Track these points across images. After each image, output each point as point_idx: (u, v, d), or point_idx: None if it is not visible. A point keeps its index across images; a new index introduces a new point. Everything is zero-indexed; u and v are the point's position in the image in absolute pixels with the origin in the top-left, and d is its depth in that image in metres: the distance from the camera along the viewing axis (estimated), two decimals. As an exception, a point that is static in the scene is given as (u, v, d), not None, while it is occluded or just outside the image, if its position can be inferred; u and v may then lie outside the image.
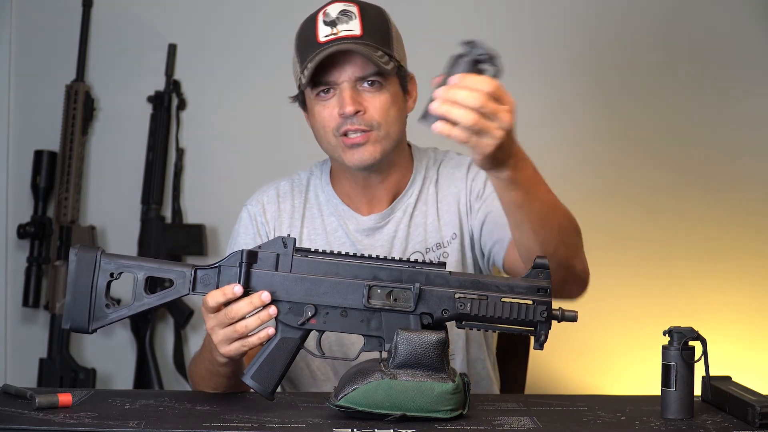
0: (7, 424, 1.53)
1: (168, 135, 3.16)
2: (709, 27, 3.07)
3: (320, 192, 2.01)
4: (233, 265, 1.62)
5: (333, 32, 1.84)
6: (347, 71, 1.85)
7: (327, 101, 1.87)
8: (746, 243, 3.06)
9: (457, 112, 1.49)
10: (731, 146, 3.06)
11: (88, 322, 1.62)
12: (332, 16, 1.86)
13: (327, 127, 1.87)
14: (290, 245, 1.62)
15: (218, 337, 1.64)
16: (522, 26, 3.09)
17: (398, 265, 1.62)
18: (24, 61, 3.18)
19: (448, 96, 1.50)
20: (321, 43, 1.84)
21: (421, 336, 1.56)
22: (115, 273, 1.62)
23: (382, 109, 1.86)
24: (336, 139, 1.87)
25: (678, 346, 1.60)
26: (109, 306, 1.62)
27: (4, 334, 3.19)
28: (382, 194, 1.97)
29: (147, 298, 1.62)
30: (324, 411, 1.62)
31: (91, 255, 1.62)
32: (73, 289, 1.61)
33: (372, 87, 1.86)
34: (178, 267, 1.63)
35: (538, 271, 1.61)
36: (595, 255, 3.13)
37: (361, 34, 1.83)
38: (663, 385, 1.64)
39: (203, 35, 3.16)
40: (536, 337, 1.60)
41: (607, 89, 3.08)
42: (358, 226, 1.97)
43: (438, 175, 2.01)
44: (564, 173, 3.05)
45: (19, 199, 3.19)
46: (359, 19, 1.85)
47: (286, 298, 1.62)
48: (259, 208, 2.01)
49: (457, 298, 1.59)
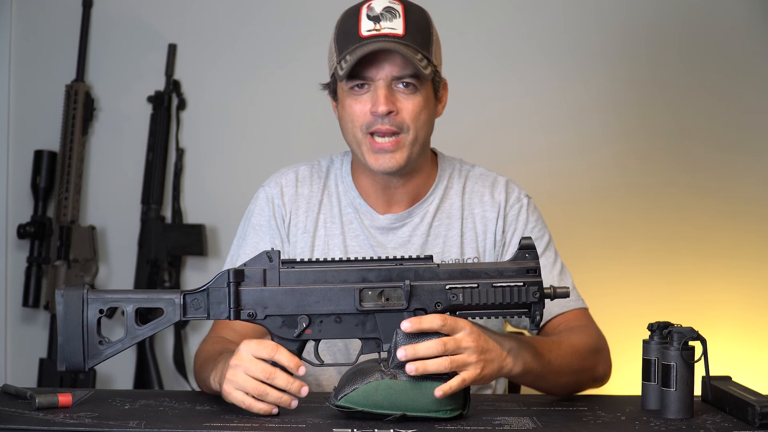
0: (7, 424, 1.53)
1: (168, 135, 3.16)
2: (710, 27, 3.06)
3: (340, 182, 1.98)
4: (221, 286, 1.60)
5: (376, 28, 1.82)
6: (385, 69, 1.82)
7: (360, 96, 1.84)
8: (746, 243, 3.06)
9: (432, 366, 1.55)
10: (732, 146, 3.06)
11: (83, 362, 1.60)
12: (376, 11, 1.83)
13: (356, 122, 1.85)
14: (276, 259, 1.61)
15: (236, 378, 1.59)
16: (522, 25, 3.09)
17: (386, 264, 1.61)
18: (24, 61, 3.19)
19: (414, 354, 1.54)
20: (363, 37, 1.82)
21: (420, 336, 1.56)
22: (104, 308, 1.60)
23: (414, 112, 1.84)
24: (364, 137, 1.85)
25: (678, 346, 1.60)
26: (103, 342, 1.60)
27: (4, 334, 3.19)
28: (402, 197, 1.95)
29: (139, 330, 1.61)
30: (324, 411, 1.62)
31: (78, 293, 1.60)
32: (64, 330, 1.59)
33: (407, 88, 1.83)
34: (167, 295, 1.61)
35: (525, 252, 1.62)
36: (596, 255, 3.15)
37: (403, 34, 1.81)
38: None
39: (203, 35, 3.16)
40: (531, 318, 1.60)
41: (608, 89, 3.08)
42: (372, 223, 1.95)
43: (464, 189, 1.98)
44: (564, 172, 3.05)
45: (19, 199, 3.19)
46: (403, 18, 1.83)
47: (278, 312, 1.60)
48: (277, 191, 1.98)
49: (449, 289, 1.59)
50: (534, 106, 3.09)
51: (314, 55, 3.10)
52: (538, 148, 3.07)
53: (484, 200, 1.97)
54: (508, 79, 3.08)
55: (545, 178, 3.01)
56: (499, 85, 3.09)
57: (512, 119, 3.09)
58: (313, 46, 3.10)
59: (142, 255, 3.14)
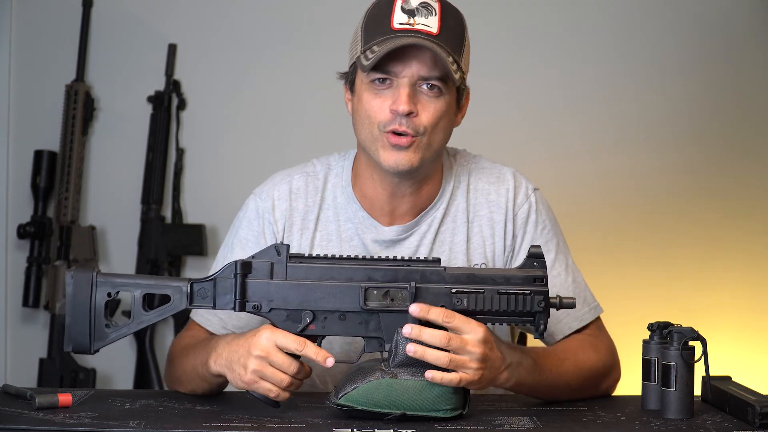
0: (7, 424, 1.53)
1: (168, 135, 3.16)
2: (713, 28, 3.07)
3: (339, 193, 1.87)
4: (228, 277, 1.60)
5: (409, 22, 1.72)
6: (412, 67, 1.72)
7: (381, 91, 1.74)
8: (747, 243, 3.06)
9: (431, 356, 1.55)
10: (732, 146, 3.07)
11: (89, 343, 1.60)
12: (412, 5, 1.73)
13: (373, 118, 1.74)
14: (284, 253, 1.61)
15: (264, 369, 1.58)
16: (522, 24, 3.09)
17: (393, 264, 1.61)
18: (24, 61, 3.18)
19: (418, 335, 1.55)
20: (394, 29, 1.72)
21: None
22: (112, 292, 1.61)
23: (434, 117, 1.73)
24: (380, 134, 1.74)
25: (678, 346, 1.60)
26: (109, 326, 1.61)
27: (4, 334, 3.19)
28: (408, 206, 1.84)
29: (146, 315, 1.61)
30: (324, 411, 1.62)
31: (87, 276, 1.60)
32: (72, 311, 1.60)
33: (431, 91, 1.73)
34: (175, 282, 1.61)
35: (533, 260, 1.61)
36: (596, 255, 3.15)
37: (437, 33, 1.71)
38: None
39: (203, 35, 3.16)
40: (535, 327, 1.60)
41: (609, 89, 3.08)
42: (377, 237, 1.84)
43: (469, 187, 1.89)
44: (564, 173, 3.05)
45: (19, 199, 3.19)
46: (439, 17, 1.73)
47: (283, 306, 1.60)
48: (269, 204, 1.88)
49: (454, 293, 1.59)
50: (534, 106, 3.09)
51: (314, 55, 3.12)
52: (538, 148, 3.07)
53: (490, 199, 1.88)
54: (508, 78, 3.08)
55: (545, 178, 3.00)
56: (499, 85, 3.09)
57: (512, 119, 3.09)
58: (313, 46, 3.11)
59: (142, 255, 3.14)
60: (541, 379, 1.70)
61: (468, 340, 1.56)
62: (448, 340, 1.55)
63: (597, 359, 1.80)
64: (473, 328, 1.57)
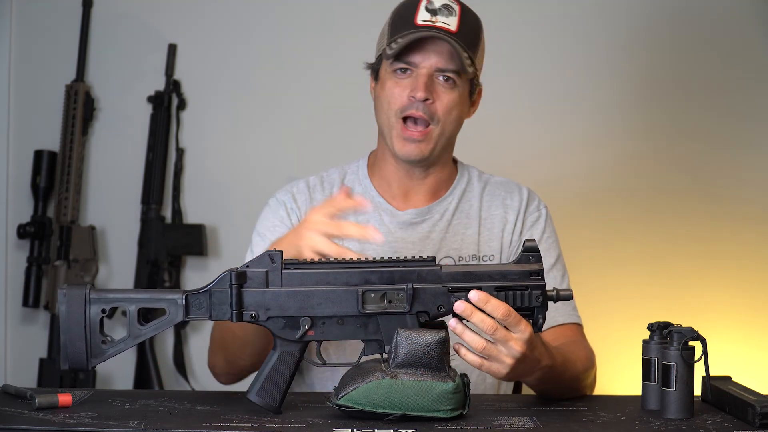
0: (7, 424, 1.53)
1: (168, 135, 3.15)
2: (712, 26, 3.06)
3: (357, 185, 2.04)
4: (223, 288, 1.60)
5: (431, 20, 1.90)
6: (431, 59, 1.90)
7: (402, 80, 1.92)
8: (747, 243, 3.06)
9: (469, 337, 1.58)
10: (732, 146, 3.06)
11: (86, 361, 1.60)
12: (435, 5, 1.91)
13: (393, 104, 1.92)
14: (278, 260, 1.60)
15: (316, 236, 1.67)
16: (523, 23, 3.09)
17: (388, 265, 1.60)
18: (24, 61, 3.18)
19: (470, 315, 1.57)
20: (418, 25, 1.90)
21: (421, 336, 1.56)
22: (107, 308, 1.60)
23: (447, 106, 1.92)
24: (396, 122, 1.92)
25: (678, 346, 1.60)
26: (105, 342, 1.60)
27: (4, 334, 3.19)
28: (421, 190, 2.02)
29: (142, 330, 1.60)
30: (324, 411, 1.62)
31: (80, 293, 1.59)
32: (66, 330, 1.59)
33: (446, 82, 1.91)
34: (169, 295, 1.60)
35: (529, 255, 1.62)
36: (596, 254, 3.15)
37: (456, 31, 1.90)
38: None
39: (203, 35, 3.16)
40: (534, 322, 1.61)
41: (609, 89, 3.08)
42: (393, 219, 2.00)
43: (483, 192, 2.05)
44: (565, 172, 3.05)
45: (19, 199, 3.18)
46: (459, 17, 1.91)
47: (281, 314, 1.59)
48: (289, 197, 2.03)
49: (451, 292, 1.60)
50: (533, 106, 3.09)
51: (314, 55, 3.12)
52: (537, 147, 3.07)
53: (506, 203, 2.04)
54: (507, 78, 3.08)
55: (545, 177, 3.01)
56: (498, 85, 3.09)
57: (511, 118, 3.08)
58: (313, 46, 3.11)
59: (142, 255, 3.13)
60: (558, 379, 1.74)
61: (513, 336, 1.58)
62: (495, 329, 1.57)
63: (584, 356, 1.88)
64: (523, 328, 1.58)
